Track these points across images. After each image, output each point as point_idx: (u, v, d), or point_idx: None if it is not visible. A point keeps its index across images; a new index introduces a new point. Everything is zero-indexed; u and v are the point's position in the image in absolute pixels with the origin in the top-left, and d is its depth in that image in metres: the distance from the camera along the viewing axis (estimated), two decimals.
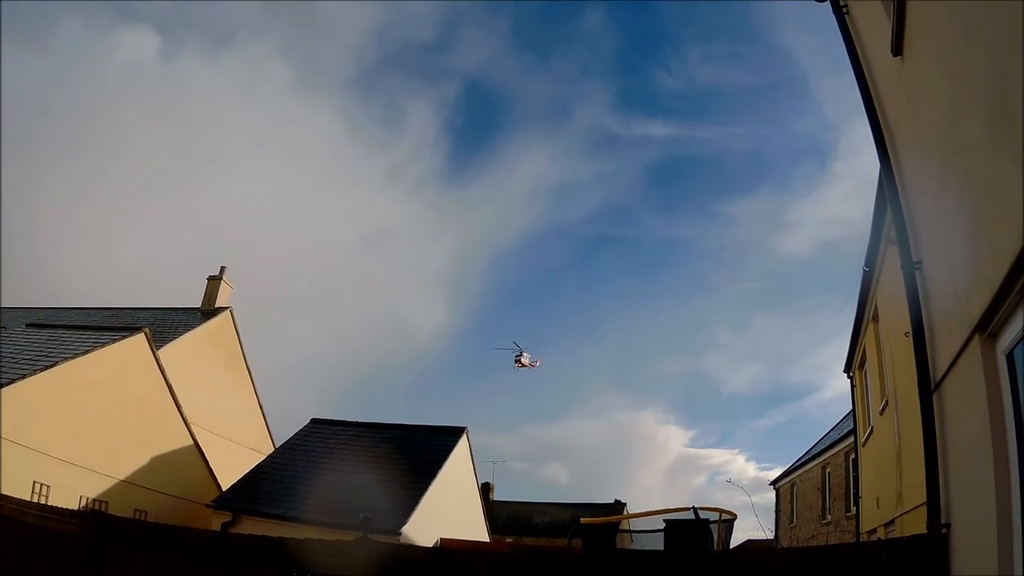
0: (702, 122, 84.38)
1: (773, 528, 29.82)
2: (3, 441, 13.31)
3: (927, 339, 5.87)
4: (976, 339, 4.36)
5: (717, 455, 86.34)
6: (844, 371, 16.88)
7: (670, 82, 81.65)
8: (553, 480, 74.02)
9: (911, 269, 6.16)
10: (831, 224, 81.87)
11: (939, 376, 5.50)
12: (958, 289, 4.75)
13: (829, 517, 23.27)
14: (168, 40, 68.96)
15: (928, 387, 5.73)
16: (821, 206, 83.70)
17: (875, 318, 12.32)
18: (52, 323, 20.23)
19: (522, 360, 56.36)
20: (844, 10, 8.10)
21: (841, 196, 76.94)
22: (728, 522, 11.73)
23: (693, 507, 11.19)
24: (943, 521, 5.24)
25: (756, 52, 78.50)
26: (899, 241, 6.54)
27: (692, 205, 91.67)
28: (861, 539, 14.60)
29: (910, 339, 6.17)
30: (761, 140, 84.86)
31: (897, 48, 6.09)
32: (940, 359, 5.47)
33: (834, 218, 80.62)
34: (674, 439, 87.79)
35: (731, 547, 12.65)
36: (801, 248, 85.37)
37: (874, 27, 7.11)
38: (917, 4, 5.38)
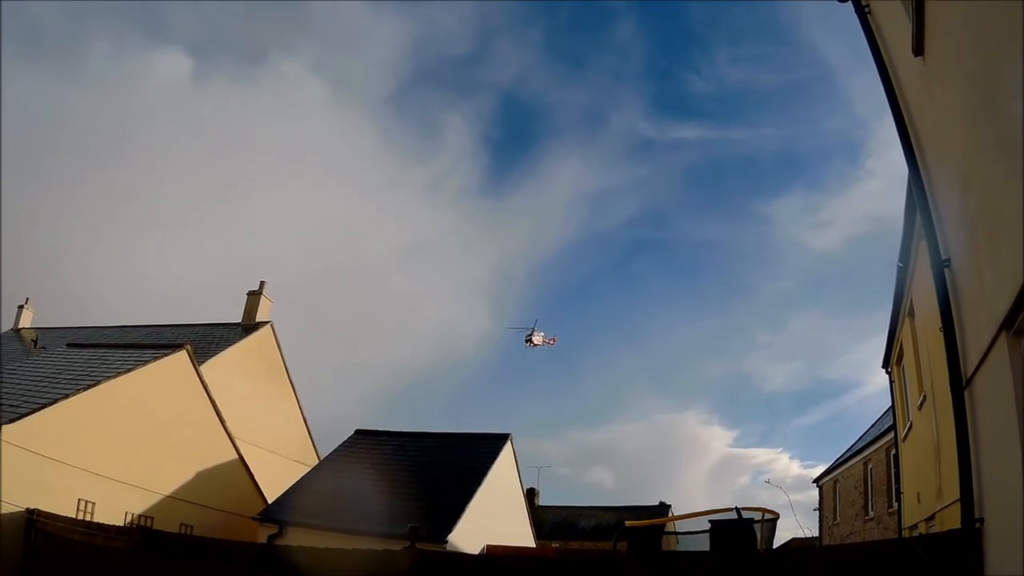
0: (734, 123, 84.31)
1: (815, 526, 29.53)
2: (47, 460, 13.63)
3: (958, 336, 5.89)
4: (1003, 336, 4.42)
5: (761, 454, 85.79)
6: (882, 366, 16.74)
7: (701, 85, 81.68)
8: (598, 484, 73.98)
9: (940, 266, 6.18)
10: (865, 220, 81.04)
11: (970, 372, 5.52)
12: (984, 286, 4.81)
13: (872, 513, 23.01)
14: (200, 61, 70.54)
15: (960, 383, 5.76)
16: (855, 203, 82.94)
17: (911, 313, 12.24)
18: (93, 342, 20.66)
19: (534, 339, 54.02)
20: (866, 9, 8.08)
21: (874, 192, 76.13)
22: (771, 521, 11.73)
23: (736, 507, 11.21)
24: (977, 516, 5.28)
25: (783, 52, 78.22)
26: (928, 239, 6.56)
27: (727, 206, 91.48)
28: (903, 534, 14.49)
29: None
30: (793, 139, 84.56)
31: (918, 48, 6.12)
32: (971, 355, 5.50)
33: (868, 214, 79.79)
34: (717, 439, 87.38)
35: (775, 546, 12.65)
36: (836, 245, 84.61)
37: (896, 26, 7.10)
38: (935, 5, 5.43)
